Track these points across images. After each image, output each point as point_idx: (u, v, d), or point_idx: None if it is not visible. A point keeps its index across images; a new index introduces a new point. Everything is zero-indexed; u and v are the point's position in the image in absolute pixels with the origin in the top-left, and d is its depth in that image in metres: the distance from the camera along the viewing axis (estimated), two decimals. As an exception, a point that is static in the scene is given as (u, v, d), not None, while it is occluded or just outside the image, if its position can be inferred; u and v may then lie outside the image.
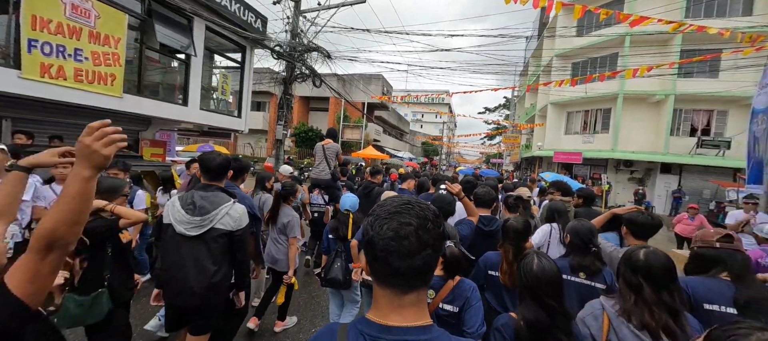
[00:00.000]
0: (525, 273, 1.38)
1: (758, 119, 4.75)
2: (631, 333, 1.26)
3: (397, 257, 0.63)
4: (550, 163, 19.02)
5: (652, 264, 1.31)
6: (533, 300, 1.33)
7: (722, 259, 1.61)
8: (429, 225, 0.65)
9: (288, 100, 8.66)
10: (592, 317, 1.38)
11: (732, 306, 1.49)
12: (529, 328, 1.29)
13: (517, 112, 31.21)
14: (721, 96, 14.57)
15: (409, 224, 0.64)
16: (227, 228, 1.89)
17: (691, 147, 14.93)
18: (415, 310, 0.66)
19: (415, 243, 0.63)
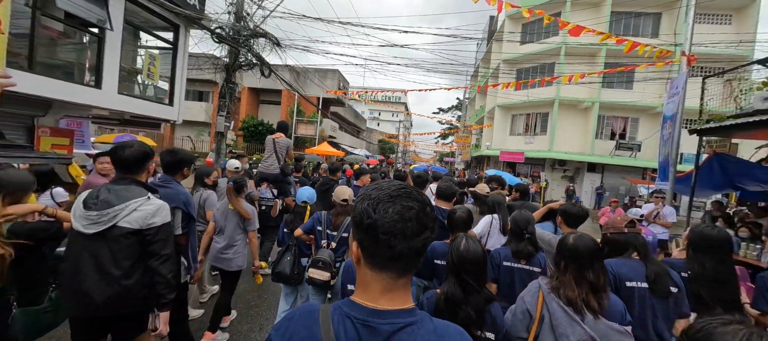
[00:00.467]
0: (452, 251, 1.53)
1: (666, 125, 5.47)
2: (559, 307, 1.43)
3: (402, 239, 0.63)
4: (496, 161, 20.32)
5: (579, 246, 1.50)
6: (454, 276, 1.47)
7: (631, 242, 1.89)
8: (427, 208, 0.67)
9: (231, 89, 7.88)
10: (530, 294, 1.55)
11: (644, 281, 1.74)
12: (445, 301, 1.43)
13: (468, 113, 32.89)
14: (634, 105, 16.88)
15: (412, 207, 0.65)
16: (134, 227, 1.66)
17: (610, 149, 17.06)
18: (403, 294, 0.68)
19: (417, 226, 0.64)
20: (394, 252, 0.64)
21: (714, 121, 4.66)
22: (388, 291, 0.66)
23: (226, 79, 7.77)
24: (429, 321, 0.67)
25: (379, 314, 0.64)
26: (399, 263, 0.65)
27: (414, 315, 0.66)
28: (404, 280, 0.68)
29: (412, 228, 0.64)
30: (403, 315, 0.65)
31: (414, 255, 0.66)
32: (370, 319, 0.64)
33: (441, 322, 0.69)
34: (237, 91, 8.21)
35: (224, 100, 7.82)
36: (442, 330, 0.67)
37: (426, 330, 0.65)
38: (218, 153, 7.90)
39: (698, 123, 4.90)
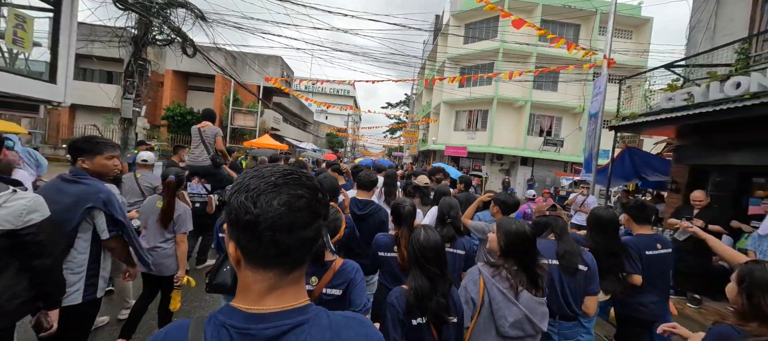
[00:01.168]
0: (413, 244, 1.52)
1: (591, 121, 6.00)
2: (499, 291, 1.50)
3: (289, 233, 0.56)
4: (442, 156, 21.09)
5: (523, 230, 1.59)
6: (418, 268, 1.47)
7: (550, 223, 2.13)
8: (319, 194, 0.61)
9: (141, 68, 6.56)
10: (472, 282, 1.60)
11: (555, 258, 1.95)
12: (415, 295, 1.42)
13: (416, 108, 33.67)
14: (559, 105, 18.89)
15: (302, 196, 0.58)
16: (5, 227, 1.40)
17: (539, 144, 18.89)
18: (294, 290, 0.61)
19: (308, 216, 0.58)
20: (280, 248, 0.56)
21: (628, 119, 5.18)
22: (274, 291, 0.58)
23: (134, 55, 6.44)
24: (325, 316, 0.61)
25: (260, 318, 0.56)
26: (287, 259, 0.58)
27: (306, 312, 0.59)
28: (295, 275, 0.60)
29: (302, 219, 0.57)
30: (291, 315, 0.58)
31: (305, 247, 0.59)
32: (249, 326, 0.55)
33: (340, 315, 0.63)
34: (149, 71, 6.88)
35: (132, 81, 6.48)
36: (342, 323, 0.62)
37: (319, 327, 0.58)
38: (125, 143, 6.55)
39: (616, 120, 5.43)
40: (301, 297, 0.61)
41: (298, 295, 0.61)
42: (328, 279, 1.52)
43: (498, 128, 18.83)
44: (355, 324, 0.63)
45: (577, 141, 18.86)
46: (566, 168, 19.14)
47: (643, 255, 2.26)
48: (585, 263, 1.95)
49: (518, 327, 1.48)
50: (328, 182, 2.51)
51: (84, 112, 19.97)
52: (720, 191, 5.11)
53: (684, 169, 5.36)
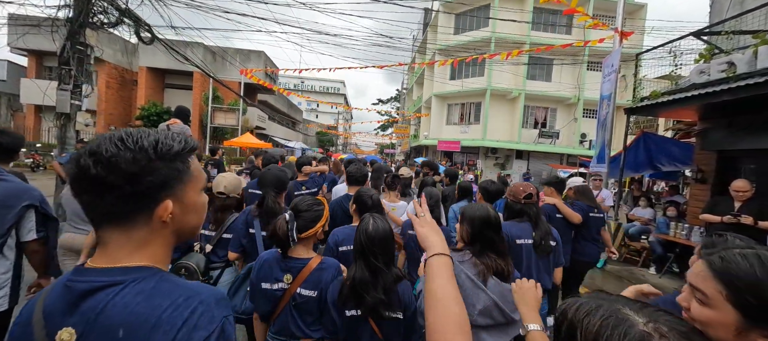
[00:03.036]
0: (359, 234, 1.43)
1: (603, 104, 5.27)
2: (467, 278, 1.43)
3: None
4: (434, 151, 20.35)
5: (490, 215, 1.55)
6: (362, 259, 1.39)
7: (525, 212, 2.17)
8: (104, 152, 0.55)
9: (80, 53, 5.57)
10: None
11: (531, 239, 2.07)
12: (351, 287, 1.35)
13: (407, 104, 32.87)
14: (553, 96, 18.29)
15: (83, 147, 0.58)
16: None
17: (534, 137, 18.28)
18: (120, 251, 0.58)
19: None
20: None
21: (648, 99, 4.44)
22: (102, 246, 0.59)
23: (69, 38, 5.44)
24: (150, 282, 0.57)
25: (84, 272, 0.58)
26: (91, 219, 0.59)
27: (128, 274, 0.56)
28: (116, 235, 0.58)
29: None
30: (110, 273, 0.56)
31: (95, 206, 0.57)
32: (73, 278, 0.57)
33: (172, 284, 0.58)
34: (92, 57, 5.88)
35: (68, 69, 5.48)
36: (164, 290, 0.56)
37: (135, 291, 0.55)
38: (63, 142, 5.56)
39: (633, 101, 4.68)
40: (146, 259, 0.59)
41: (133, 258, 0.58)
42: (302, 279, 1.42)
43: (492, 121, 18.15)
44: (179, 293, 0.56)
45: (572, 132, 18.31)
46: (562, 160, 18.59)
47: (587, 217, 3.07)
48: (554, 239, 2.14)
49: (487, 314, 1.41)
50: (271, 174, 2.23)
51: (52, 112, 18.58)
52: (754, 180, 4.41)
53: (711, 156, 4.66)
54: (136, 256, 0.58)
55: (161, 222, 0.59)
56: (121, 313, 0.53)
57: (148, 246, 0.60)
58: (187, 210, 0.63)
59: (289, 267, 1.43)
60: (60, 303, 0.56)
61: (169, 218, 0.59)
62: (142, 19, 6.54)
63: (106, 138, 0.56)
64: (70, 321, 0.54)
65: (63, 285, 0.57)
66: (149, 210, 0.58)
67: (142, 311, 0.53)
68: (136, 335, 0.52)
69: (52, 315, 0.56)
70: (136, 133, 0.58)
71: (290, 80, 57.07)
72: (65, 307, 0.55)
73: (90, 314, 0.53)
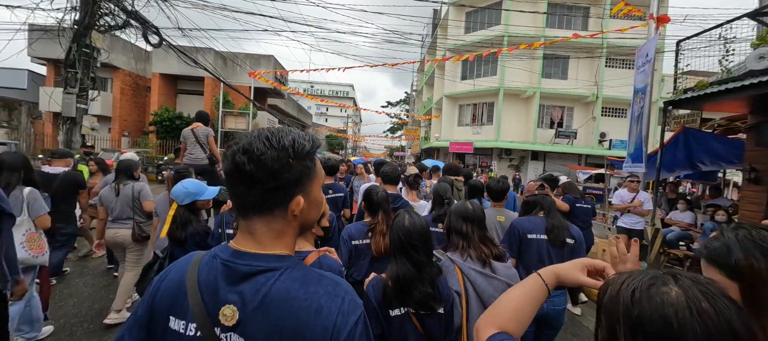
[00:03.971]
0: (397, 230, 1.43)
1: (637, 98, 4.80)
2: (477, 274, 1.47)
3: (237, 184, 0.62)
4: (446, 153, 19.88)
5: (476, 210, 1.63)
6: (404, 255, 1.39)
7: (539, 202, 2.28)
8: (255, 150, 0.60)
9: (87, 55, 5.46)
10: (450, 274, 1.52)
11: (543, 233, 2.11)
12: (395, 283, 1.34)
13: (416, 106, 32.48)
14: (569, 94, 17.62)
15: (250, 151, 0.61)
16: None
17: (551, 137, 17.62)
18: (270, 239, 0.64)
19: (254, 170, 0.61)
20: (238, 198, 0.63)
21: (695, 90, 3.96)
22: (250, 235, 0.64)
23: (75, 40, 5.34)
24: (300, 268, 0.64)
25: (240, 255, 0.63)
26: (247, 208, 0.64)
27: (281, 261, 0.63)
28: (266, 225, 0.64)
29: (250, 172, 0.60)
30: (266, 259, 0.62)
31: (246, 197, 0.63)
32: (232, 259, 0.62)
33: (315, 272, 0.65)
34: (98, 60, 5.77)
35: (73, 72, 5.37)
36: (313, 278, 0.63)
37: (289, 277, 0.61)
38: (68, 146, 5.44)
39: (675, 93, 4.21)
40: (282, 248, 0.65)
41: (275, 246, 0.64)
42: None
43: (505, 121, 17.60)
44: (326, 281, 0.63)
45: (590, 132, 17.57)
46: (580, 161, 17.85)
47: (574, 206, 3.71)
48: (572, 236, 2.11)
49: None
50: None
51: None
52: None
53: (766, 153, 4.13)
54: (277, 244, 0.64)
55: (293, 215, 0.64)
56: (284, 297, 0.59)
57: (284, 236, 0.65)
58: (311, 204, 0.67)
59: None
60: (220, 281, 0.61)
61: (299, 212, 0.64)
62: (149, 22, 6.43)
63: (255, 136, 0.62)
64: (231, 299, 0.59)
65: (222, 264, 0.62)
66: (285, 203, 0.63)
67: (303, 296, 0.59)
68: (300, 317, 0.57)
69: (211, 288, 0.61)
70: (278, 133, 0.63)
71: (300, 84, 57.57)
72: (226, 285, 0.60)
73: (254, 295, 0.59)
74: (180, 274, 0.64)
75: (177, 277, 0.64)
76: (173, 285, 0.64)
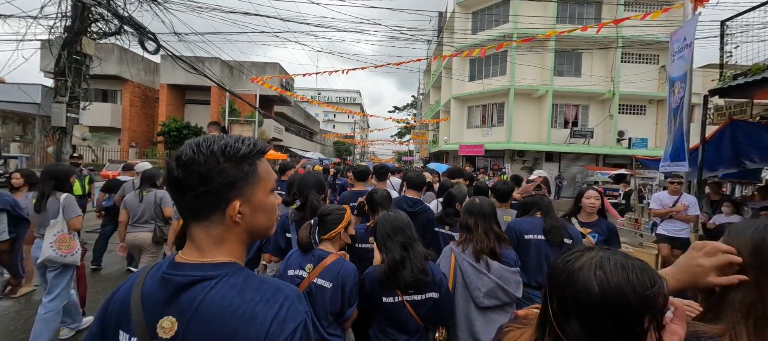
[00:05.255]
0: (380, 223, 1.58)
1: (675, 88, 4.25)
2: (469, 265, 1.63)
3: (175, 189, 0.62)
4: (455, 156, 19.30)
5: (484, 205, 1.78)
6: (390, 242, 1.51)
7: (536, 203, 2.30)
8: (183, 156, 0.61)
9: (77, 62, 5.24)
10: (445, 259, 1.75)
11: (541, 234, 2.11)
12: (389, 267, 1.46)
13: (424, 110, 32.02)
14: (583, 92, 16.88)
15: (185, 156, 0.60)
16: None
17: (566, 137, 16.88)
18: (211, 245, 0.62)
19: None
20: (177, 201, 0.63)
21: (748, 75, 3.40)
22: (192, 243, 0.63)
23: (65, 46, 5.11)
24: (239, 276, 0.61)
25: (177, 266, 0.61)
26: (181, 215, 0.64)
27: (219, 269, 0.61)
28: (198, 232, 0.62)
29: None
30: (203, 268, 0.60)
31: (180, 203, 0.62)
32: (170, 272, 0.61)
33: (258, 279, 0.63)
34: (91, 68, 5.54)
35: (64, 80, 5.14)
36: (253, 285, 0.61)
37: (228, 285, 0.59)
38: (58, 158, 5.20)
39: (723, 80, 3.65)
40: (225, 255, 0.62)
41: (214, 253, 0.62)
42: (322, 268, 1.53)
43: (517, 122, 16.96)
44: (266, 288, 0.61)
45: (607, 131, 16.76)
46: (598, 161, 17.02)
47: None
48: (570, 236, 2.11)
49: (492, 295, 1.57)
50: (312, 177, 2.37)
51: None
52: None
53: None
54: (217, 251, 0.62)
55: (233, 221, 0.62)
56: (219, 305, 0.57)
57: (225, 242, 0.63)
58: (255, 210, 0.65)
59: (312, 257, 1.53)
60: (159, 294, 0.60)
61: (238, 217, 0.62)
62: (145, 28, 6.20)
63: (186, 143, 0.62)
64: (170, 311, 0.59)
65: (161, 277, 0.61)
66: (221, 209, 0.61)
67: (237, 304, 0.57)
68: (233, 325, 0.56)
69: (151, 303, 0.60)
70: (210, 138, 0.62)
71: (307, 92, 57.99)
72: (165, 298, 0.59)
73: (189, 305, 0.58)
74: (129, 287, 0.64)
75: (126, 291, 0.64)
76: (122, 298, 0.63)
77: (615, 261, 0.58)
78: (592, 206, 2.58)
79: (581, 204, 2.64)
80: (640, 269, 0.57)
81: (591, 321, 0.56)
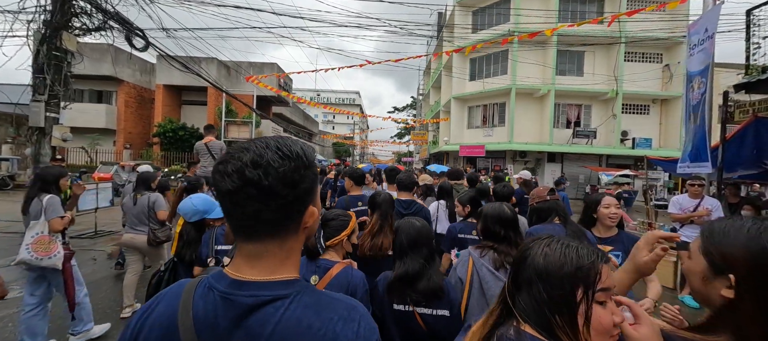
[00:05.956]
0: (404, 231, 1.52)
1: (694, 83, 3.96)
2: (488, 271, 1.55)
3: (230, 200, 0.55)
4: (456, 157, 19.01)
5: (504, 212, 1.68)
6: (411, 253, 1.47)
7: (553, 208, 2.14)
8: (271, 162, 0.54)
9: (58, 59, 4.93)
10: (462, 264, 1.66)
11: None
12: (403, 279, 1.42)
13: (424, 110, 31.75)
14: (586, 91, 16.61)
15: (238, 159, 0.54)
16: None
17: (568, 137, 16.60)
18: (275, 263, 0.58)
19: (238, 181, 0.53)
20: (239, 217, 0.56)
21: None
22: (253, 259, 0.57)
23: (43, 41, 4.81)
24: (310, 293, 0.58)
25: (241, 285, 0.55)
26: (253, 228, 0.56)
27: (289, 287, 0.57)
28: (272, 246, 0.57)
29: (231, 184, 0.53)
30: (272, 287, 0.56)
31: (258, 216, 0.55)
32: (232, 291, 0.55)
33: (327, 295, 0.60)
34: (72, 64, 5.24)
35: (42, 78, 4.84)
36: (325, 303, 0.57)
37: (300, 304, 0.55)
38: (36, 160, 4.89)
39: (751, 73, 3.35)
40: (287, 272, 0.59)
41: (283, 269, 0.58)
42: (328, 279, 1.48)
43: (518, 122, 16.67)
44: (340, 306, 0.58)
45: (611, 131, 16.47)
46: (601, 162, 16.73)
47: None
48: (589, 242, 1.91)
49: None
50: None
51: (75, 133, 18.94)
52: None
53: None
54: (285, 267, 0.58)
55: (303, 228, 0.60)
56: (296, 328, 0.53)
57: (292, 255, 0.60)
58: (315, 215, 0.62)
59: (318, 268, 1.49)
60: (221, 318, 0.54)
61: (310, 223, 0.60)
62: (132, 23, 5.90)
63: (262, 148, 0.55)
64: (236, 337, 0.53)
65: (220, 298, 0.55)
66: (300, 216, 0.58)
67: (318, 325, 0.53)
68: None
69: (209, 327, 0.54)
70: (282, 140, 0.59)
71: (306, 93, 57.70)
72: (229, 323, 0.53)
73: (262, 330, 0.53)
74: (170, 310, 0.56)
75: (166, 314, 0.56)
76: (162, 324, 0.55)
77: (563, 242, 0.67)
78: (611, 217, 2.04)
79: (597, 214, 2.07)
80: (582, 248, 0.66)
81: (535, 291, 0.65)
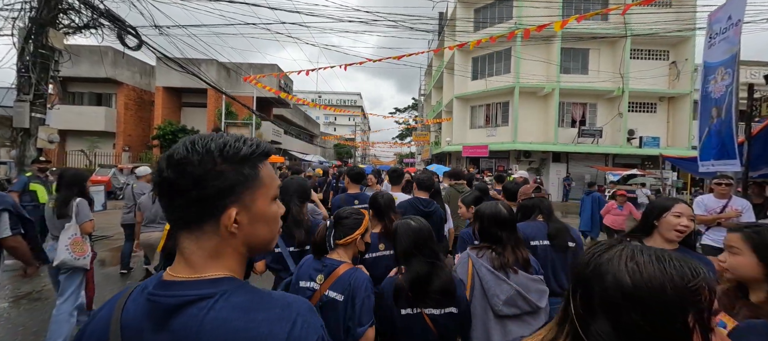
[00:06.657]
0: (407, 233, 1.49)
1: (716, 75, 3.68)
2: (487, 271, 1.52)
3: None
4: (458, 158, 18.73)
5: (501, 211, 1.62)
6: (419, 255, 1.45)
7: (537, 206, 2.13)
8: (173, 156, 0.54)
9: (43, 57, 4.72)
10: (461, 265, 1.63)
11: (546, 239, 1.96)
12: (414, 282, 1.39)
13: (425, 110, 31.48)
14: (591, 90, 16.29)
15: (167, 153, 0.55)
16: None
17: (573, 137, 16.27)
18: (204, 259, 0.54)
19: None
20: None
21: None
22: (182, 257, 0.55)
23: (27, 40, 4.60)
24: (243, 293, 0.53)
25: (168, 285, 0.53)
26: (170, 224, 0.58)
27: (216, 286, 0.53)
28: (189, 244, 0.54)
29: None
30: (198, 286, 0.52)
31: (170, 211, 0.55)
32: (157, 292, 0.53)
33: (265, 293, 0.55)
34: (60, 63, 5.03)
35: (27, 77, 4.63)
36: (257, 303, 0.53)
37: (229, 305, 0.51)
38: (21, 162, 4.67)
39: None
40: (221, 270, 0.55)
41: (211, 267, 0.54)
42: (330, 282, 1.47)
43: (522, 121, 16.36)
44: (274, 304, 0.54)
45: (617, 130, 16.13)
46: (607, 161, 16.39)
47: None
48: (573, 239, 2.00)
49: (512, 303, 1.47)
50: (294, 182, 2.31)
51: (74, 136, 18.94)
52: None
53: None
54: (212, 266, 0.55)
55: (228, 231, 0.55)
56: (221, 329, 0.49)
57: (221, 257, 0.56)
58: (255, 219, 0.57)
59: (324, 267, 1.46)
60: (145, 320, 0.52)
61: (235, 227, 0.55)
62: (124, 21, 5.69)
63: (181, 141, 0.55)
64: (162, 340, 0.50)
65: (145, 300, 0.53)
66: (215, 217, 0.54)
67: (244, 326, 0.50)
68: None
69: (134, 331, 0.52)
70: (208, 136, 0.56)
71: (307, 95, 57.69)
72: (152, 325, 0.51)
73: (185, 332, 0.50)
74: (108, 314, 0.55)
75: (104, 319, 0.55)
76: (99, 328, 0.54)
77: (649, 251, 0.54)
78: (680, 230, 1.50)
79: (658, 222, 1.55)
80: (679, 260, 0.52)
81: (622, 319, 0.51)
